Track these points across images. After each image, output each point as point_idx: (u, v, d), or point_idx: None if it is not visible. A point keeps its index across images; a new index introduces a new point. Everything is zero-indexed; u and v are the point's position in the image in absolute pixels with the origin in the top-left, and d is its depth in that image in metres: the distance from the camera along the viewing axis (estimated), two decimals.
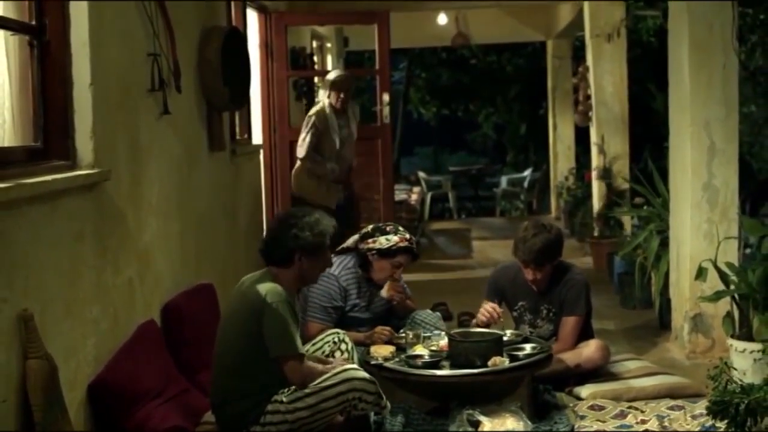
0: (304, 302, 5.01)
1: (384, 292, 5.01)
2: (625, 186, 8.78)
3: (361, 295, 5.02)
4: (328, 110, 7.18)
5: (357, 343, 4.65)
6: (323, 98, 7.27)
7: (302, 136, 7.17)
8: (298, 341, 3.81)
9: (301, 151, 7.14)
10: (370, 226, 5.07)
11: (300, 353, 3.81)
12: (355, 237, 5.06)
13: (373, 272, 4.99)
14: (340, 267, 4.97)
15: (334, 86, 7.17)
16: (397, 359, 4.50)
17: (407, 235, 5.01)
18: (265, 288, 3.80)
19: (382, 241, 4.93)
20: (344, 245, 5.08)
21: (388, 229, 5.01)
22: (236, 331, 3.84)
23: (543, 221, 5.20)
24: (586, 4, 9.48)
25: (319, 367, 3.92)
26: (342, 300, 4.94)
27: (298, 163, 7.21)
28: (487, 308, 4.92)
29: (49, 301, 3.36)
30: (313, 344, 4.41)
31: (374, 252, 4.93)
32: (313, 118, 7.17)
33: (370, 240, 4.95)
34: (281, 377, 3.81)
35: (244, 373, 3.82)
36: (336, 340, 4.41)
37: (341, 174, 7.23)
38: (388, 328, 4.88)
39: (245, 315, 3.81)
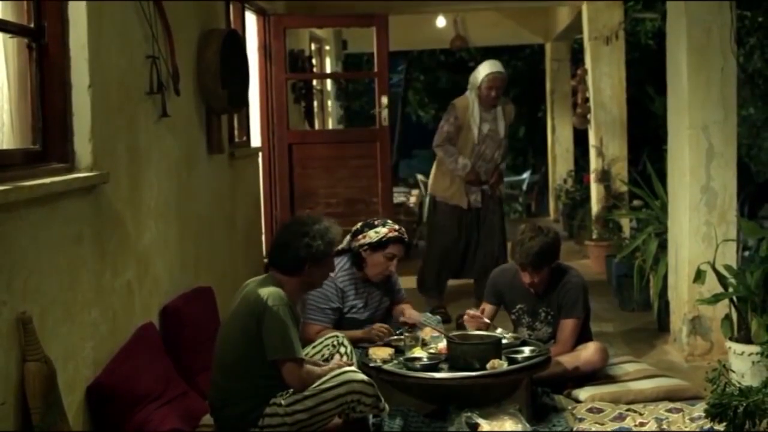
0: (302, 305, 5.01)
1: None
2: (624, 189, 8.78)
3: (359, 295, 5.03)
4: (472, 101, 6.82)
5: (355, 341, 4.65)
6: (471, 89, 6.87)
7: (441, 123, 6.91)
8: (298, 345, 3.81)
9: (436, 138, 6.88)
10: (359, 223, 5.10)
11: (299, 357, 3.81)
12: (347, 237, 5.08)
13: (369, 269, 5.01)
14: (337, 268, 4.99)
15: (487, 81, 6.75)
16: (395, 362, 4.50)
17: (396, 226, 5.05)
18: (267, 291, 3.80)
19: (372, 235, 4.95)
20: (338, 247, 5.10)
21: (376, 222, 5.05)
22: (236, 333, 3.84)
23: (541, 224, 5.21)
24: (584, 7, 9.49)
25: (318, 370, 3.92)
26: (339, 301, 4.95)
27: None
28: (469, 316, 4.94)
29: (48, 304, 3.36)
30: (313, 347, 4.42)
31: (366, 247, 4.96)
32: (455, 105, 6.90)
33: (360, 236, 4.98)
34: (280, 380, 3.81)
35: (243, 375, 3.82)
36: (335, 343, 4.42)
37: (477, 173, 6.84)
38: (386, 325, 4.89)
39: (246, 317, 3.81)
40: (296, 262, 3.94)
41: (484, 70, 6.80)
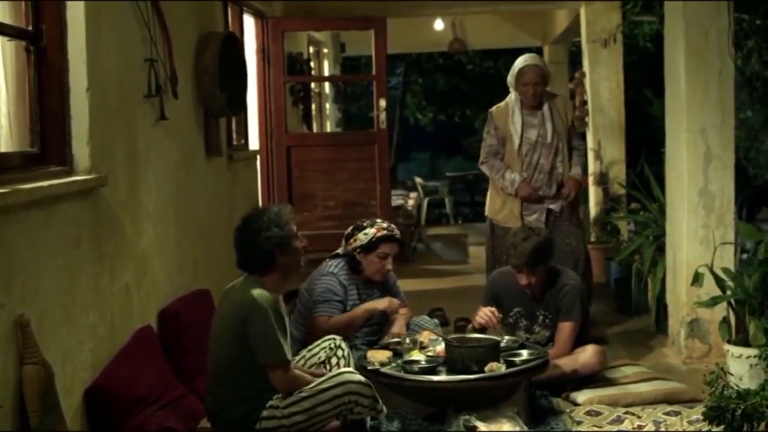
0: (302, 308, 5.01)
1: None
2: (622, 191, 8.78)
3: (360, 294, 5.03)
4: (513, 105, 5.93)
5: (368, 316, 4.90)
6: (510, 89, 5.99)
7: (483, 136, 6.06)
8: (284, 348, 3.77)
9: (481, 154, 6.00)
10: (350, 227, 5.10)
11: (285, 360, 3.79)
12: (342, 241, 5.09)
13: (366, 270, 5.02)
14: (338, 268, 5.02)
15: (521, 77, 5.87)
16: (393, 364, 4.50)
17: (384, 224, 5.05)
18: (253, 294, 3.77)
19: (361, 237, 4.98)
20: (336, 251, 5.12)
21: (364, 224, 5.06)
22: (227, 337, 3.83)
23: (531, 226, 5.21)
24: (582, 10, 9.50)
25: (307, 377, 3.91)
26: (343, 295, 4.95)
27: None
28: (486, 311, 4.94)
29: (46, 307, 3.36)
30: (309, 350, 4.40)
31: (358, 249, 4.97)
32: (492, 114, 6.02)
33: (351, 240, 5.01)
34: None
35: (237, 379, 3.81)
36: (332, 346, 4.40)
37: (530, 188, 5.84)
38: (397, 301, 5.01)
39: (234, 321, 3.79)
40: (265, 258, 3.88)
41: (517, 64, 5.95)
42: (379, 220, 5.13)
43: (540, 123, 5.89)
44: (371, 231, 4.98)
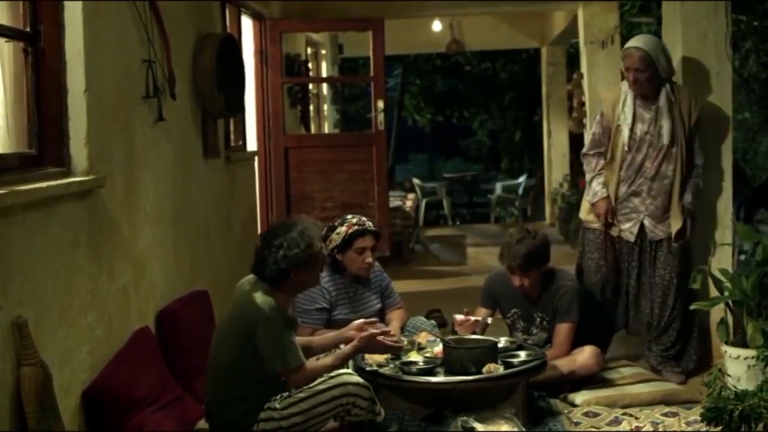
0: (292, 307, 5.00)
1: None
2: None
3: (345, 299, 4.99)
4: (625, 92, 5.20)
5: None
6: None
7: (592, 122, 5.45)
8: (295, 352, 3.78)
9: (585, 143, 5.44)
10: (324, 229, 5.02)
11: (300, 363, 3.80)
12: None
13: (349, 268, 4.97)
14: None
15: (623, 62, 5.19)
16: (391, 365, 4.50)
17: (354, 220, 4.98)
18: (259, 300, 3.77)
19: (335, 237, 4.93)
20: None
21: (336, 223, 5.00)
22: (230, 337, 3.83)
23: (528, 227, 5.20)
24: (580, 11, 9.51)
25: (321, 365, 3.92)
26: (326, 301, 4.91)
27: None
28: (456, 324, 4.93)
29: (44, 308, 3.36)
30: None
31: (336, 250, 4.94)
32: (602, 99, 5.47)
33: (327, 241, 4.94)
34: (274, 384, 3.80)
35: (237, 380, 3.81)
36: None
37: (606, 210, 5.26)
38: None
39: (239, 322, 3.80)
40: (279, 274, 3.87)
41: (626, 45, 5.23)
42: (349, 216, 5.03)
43: (652, 119, 5.14)
44: (342, 229, 4.93)
